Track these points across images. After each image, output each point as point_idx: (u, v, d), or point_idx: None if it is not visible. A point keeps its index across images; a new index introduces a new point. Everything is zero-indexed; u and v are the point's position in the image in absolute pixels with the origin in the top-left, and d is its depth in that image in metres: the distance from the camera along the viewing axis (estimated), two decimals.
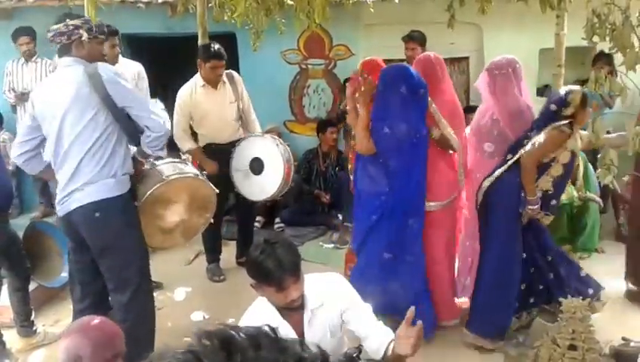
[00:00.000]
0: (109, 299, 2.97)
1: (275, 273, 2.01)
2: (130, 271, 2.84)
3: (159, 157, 3.15)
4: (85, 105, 2.69)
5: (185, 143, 4.32)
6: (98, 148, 2.72)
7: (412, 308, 2.07)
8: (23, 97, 5.35)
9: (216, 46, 4.26)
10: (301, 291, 2.09)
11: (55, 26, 2.76)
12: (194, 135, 4.46)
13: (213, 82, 4.30)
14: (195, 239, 3.76)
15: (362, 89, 3.32)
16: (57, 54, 2.83)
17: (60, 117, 2.75)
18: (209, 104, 4.30)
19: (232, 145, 4.32)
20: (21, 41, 5.53)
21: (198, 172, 3.32)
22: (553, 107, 3.15)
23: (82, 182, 2.73)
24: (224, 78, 4.38)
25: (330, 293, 2.23)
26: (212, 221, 3.49)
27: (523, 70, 3.55)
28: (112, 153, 2.76)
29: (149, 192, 2.93)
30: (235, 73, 4.56)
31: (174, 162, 3.24)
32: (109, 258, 2.83)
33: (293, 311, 2.14)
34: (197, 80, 4.32)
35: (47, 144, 2.88)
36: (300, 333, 2.17)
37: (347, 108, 3.53)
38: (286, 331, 2.15)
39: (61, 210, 2.82)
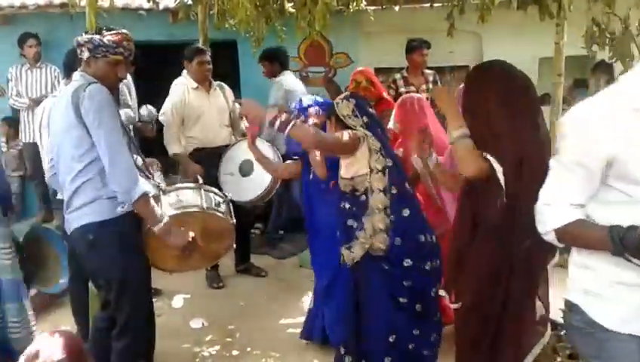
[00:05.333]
0: None
1: None
2: (123, 296, 2.72)
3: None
4: (69, 125, 2.57)
5: (173, 146, 4.34)
6: (91, 168, 2.58)
7: None
8: (34, 103, 5.36)
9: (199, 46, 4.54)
10: None
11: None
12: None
13: (204, 80, 4.38)
14: None
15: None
16: None
17: (56, 134, 2.72)
18: (203, 106, 4.37)
19: (222, 149, 4.32)
20: (29, 43, 5.59)
21: (208, 204, 2.99)
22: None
23: (80, 202, 2.63)
24: (215, 85, 4.49)
25: None
26: None
27: None
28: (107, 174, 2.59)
29: (147, 227, 2.72)
30: (224, 85, 4.66)
31: (186, 189, 3.00)
32: (101, 281, 2.77)
33: None
34: (188, 83, 4.39)
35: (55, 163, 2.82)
36: None
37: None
38: None
39: (67, 228, 2.77)
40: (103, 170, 2.55)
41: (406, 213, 2.62)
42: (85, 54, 2.64)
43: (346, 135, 2.66)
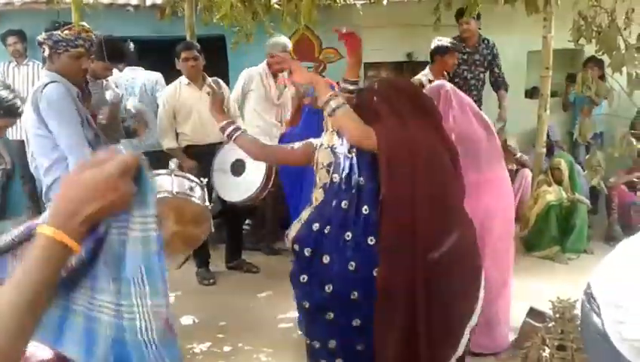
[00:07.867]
0: None
1: None
2: None
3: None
4: (32, 124, 2.64)
5: (166, 141, 4.42)
6: (58, 166, 2.64)
7: None
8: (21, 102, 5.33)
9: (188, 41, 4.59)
10: None
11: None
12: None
13: (193, 77, 4.40)
14: None
15: None
16: None
17: (26, 133, 2.77)
18: (193, 102, 4.39)
19: (214, 147, 4.26)
20: (9, 40, 5.59)
21: (180, 189, 3.01)
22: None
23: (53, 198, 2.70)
24: (210, 81, 4.42)
25: None
26: None
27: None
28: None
29: None
30: (220, 80, 4.60)
31: (157, 176, 2.99)
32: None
33: None
34: (181, 79, 4.47)
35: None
36: None
37: None
38: None
39: None
40: (67, 167, 2.61)
41: (315, 227, 2.39)
42: (47, 51, 2.68)
43: (293, 146, 2.56)
